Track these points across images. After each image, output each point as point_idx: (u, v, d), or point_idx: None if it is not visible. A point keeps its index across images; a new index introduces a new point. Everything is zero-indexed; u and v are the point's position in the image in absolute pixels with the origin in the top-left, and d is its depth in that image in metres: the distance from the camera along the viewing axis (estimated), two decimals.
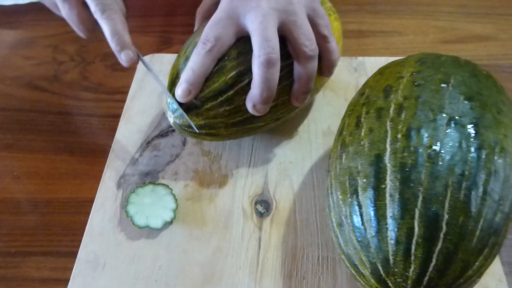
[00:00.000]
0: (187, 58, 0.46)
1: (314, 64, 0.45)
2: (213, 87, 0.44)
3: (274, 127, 0.52)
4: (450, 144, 0.35)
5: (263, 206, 0.49)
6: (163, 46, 0.69)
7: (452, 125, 0.36)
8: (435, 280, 0.33)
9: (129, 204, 0.47)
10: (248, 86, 0.44)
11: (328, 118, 0.57)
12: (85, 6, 0.48)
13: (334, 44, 0.47)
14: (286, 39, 0.45)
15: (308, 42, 0.44)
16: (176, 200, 0.48)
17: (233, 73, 0.44)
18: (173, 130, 0.56)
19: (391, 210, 0.34)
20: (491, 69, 0.45)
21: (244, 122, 0.46)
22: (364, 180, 0.36)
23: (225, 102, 0.44)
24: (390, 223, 0.34)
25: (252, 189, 0.50)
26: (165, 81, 0.49)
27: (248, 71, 0.44)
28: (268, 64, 0.42)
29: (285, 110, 0.49)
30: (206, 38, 0.44)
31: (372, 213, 0.35)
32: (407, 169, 0.35)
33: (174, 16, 0.74)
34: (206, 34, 0.44)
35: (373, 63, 0.62)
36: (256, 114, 0.44)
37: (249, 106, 0.44)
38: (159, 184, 0.49)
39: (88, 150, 0.57)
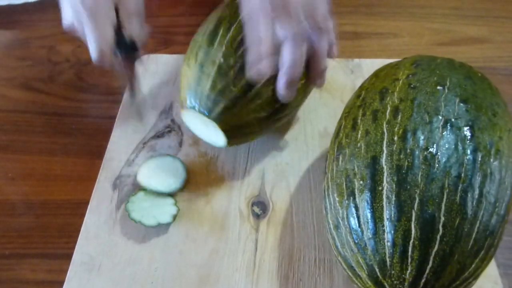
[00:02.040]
0: (202, 65, 0.46)
1: (325, 39, 0.46)
2: (240, 84, 0.44)
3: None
4: (446, 146, 0.35)
5: (259, 207, 0.49)
6: (161, 47, 0.69)
7: (448, 127, 0.36)
8: (432, 282, 0.33)
9: (131, 212, 0.47)
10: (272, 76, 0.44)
11: (324, 120, 0.57)
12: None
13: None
14: None
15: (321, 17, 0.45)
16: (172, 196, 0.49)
17: None
18: (169, 131, 0.56)
19: (388, 212, 0.34)
20: (486, 71, 0.45)
21: (274, 113, 0.47)
22: (361, 182, 0.36)
23: (255, 97, 0.45)
24: (387, 225, 0.34)
25: (248, 190, 0.50)
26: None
27: None
28: (300, 42, 0.43)
29: (303, 95, 0.51)
30: (298, 33, 0.43)
31: (369, 215, 0.35)
32: (403, 171, 0.35)
33: (171, 17, 0.74)
34: (297, 28, 0.43)
35: (369, 65, 0.63)
36: (287, 98, 0.45)
37: (282, 89, 0.45)
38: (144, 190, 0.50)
39: (84, 151, 0.56)
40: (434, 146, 0.35)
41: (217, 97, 0.44)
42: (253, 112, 0.46)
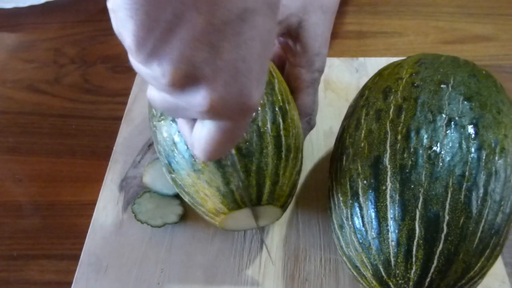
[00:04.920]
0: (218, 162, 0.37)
1: None
2: (269, 150, 0.38)
3: None
4: (450, 145, 0.35)
5: None
6: None
7: (452, 125, 0.36)
8: (437, 282, 0.33)
9: (137, 214, 0.47)
10: None
11: (329, 119, 0.57)
12: None
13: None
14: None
15: None
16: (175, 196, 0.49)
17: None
18: None
19: (392, 211, 0.34)
20: (491, 70, 0.45)
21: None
22: (365, 182, 0.36)
23: (287, 151, 0.40)
24: (391, 225, 0.34)
25: None
26: None
27: None
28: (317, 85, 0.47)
29: None
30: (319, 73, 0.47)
31: (373, 214, 0.35)
32: (407, 171, 0.35)
33: None
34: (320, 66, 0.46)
35: (374, 64, 0.62)
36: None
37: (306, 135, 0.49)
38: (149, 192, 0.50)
39: (90, 153, 0.57)
40: (438, 145, 0.35)
41: (259, 178, 0.37)
42: (293, 166, 0.40)
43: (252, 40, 0.23)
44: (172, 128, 0.39)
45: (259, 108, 0.39)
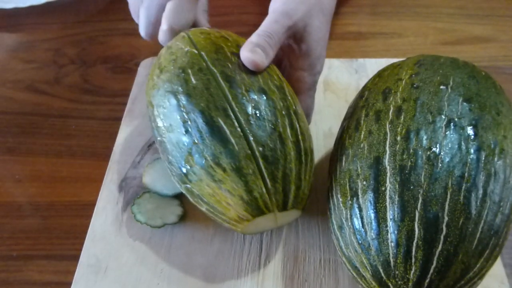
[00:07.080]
0: (238, 169, 0.37)
1: None
2: (292, 154, 0.39)
3: None
4: (449, 146, 0.35)
5: None
6: None
7: (451, 127, 0.36)
8: (436, 282, 0.33)
9: (137, 214, 0.47)
10: None
11: (329, 120, 0.57)
12: None
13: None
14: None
15: None
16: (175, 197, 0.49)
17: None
18: None
19: (391, 212, 0.34)
20: (491, 71, 0.45)
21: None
22: (364, 183, 0.36)
23: (306, 155, 0.41)
24: (391, 226, 0.34)
25: None
26: None
27: None
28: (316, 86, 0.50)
29: None
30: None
31: (372, 215, 0.35)
32: (406, 171, 0.35)
33: None
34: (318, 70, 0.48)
35: (374, 65, 0.62)
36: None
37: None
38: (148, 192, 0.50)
39: (90, 153, 0.57)
40: (437, 146, 0.35)
41: (285, 185, 0.38)
42: (310, 169, 0.41)
43: None
44: (186, 140, 0.39)
45: (278, 114, 0.40)
